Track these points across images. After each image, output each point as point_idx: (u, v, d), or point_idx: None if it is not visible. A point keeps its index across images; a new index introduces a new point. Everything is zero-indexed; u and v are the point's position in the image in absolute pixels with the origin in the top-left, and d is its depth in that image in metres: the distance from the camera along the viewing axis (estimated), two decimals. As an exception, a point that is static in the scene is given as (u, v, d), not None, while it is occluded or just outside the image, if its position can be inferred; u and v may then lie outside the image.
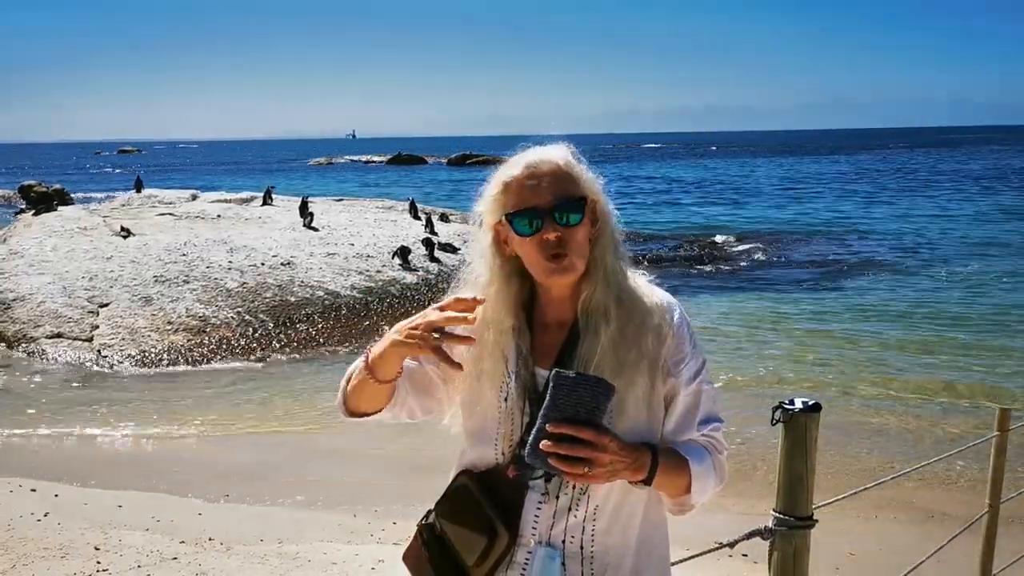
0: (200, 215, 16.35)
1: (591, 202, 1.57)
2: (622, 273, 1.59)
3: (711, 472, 1.57)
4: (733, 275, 17.02)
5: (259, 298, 11.25)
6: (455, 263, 14.08)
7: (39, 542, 5.02)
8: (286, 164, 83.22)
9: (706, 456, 1.58)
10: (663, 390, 1.57)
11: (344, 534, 5.51)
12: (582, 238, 1.55)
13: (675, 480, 1.54)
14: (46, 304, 10.62)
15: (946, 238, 21.78)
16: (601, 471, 1.39)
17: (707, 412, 1.60)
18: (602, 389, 1.39)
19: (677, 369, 1.57)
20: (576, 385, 1.38)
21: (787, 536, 2.25)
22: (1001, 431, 3.85)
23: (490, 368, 1.60)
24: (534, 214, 1.52)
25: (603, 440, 1.38)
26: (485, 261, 1.63)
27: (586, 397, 1.37)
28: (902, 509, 6.15)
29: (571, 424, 1.37)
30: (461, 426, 1.69)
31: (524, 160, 1.57)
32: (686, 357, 1.57)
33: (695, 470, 1.54)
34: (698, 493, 1.56)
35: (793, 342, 11.19)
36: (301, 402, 8.96)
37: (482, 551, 1.54)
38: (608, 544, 1.55)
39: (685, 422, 1.58)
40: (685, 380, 1.57)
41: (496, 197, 1.58)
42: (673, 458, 1.54)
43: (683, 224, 25.55)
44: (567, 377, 1.39)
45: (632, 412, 1.54)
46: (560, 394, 1.38)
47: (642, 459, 1.46)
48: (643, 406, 1.55)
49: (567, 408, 1.37)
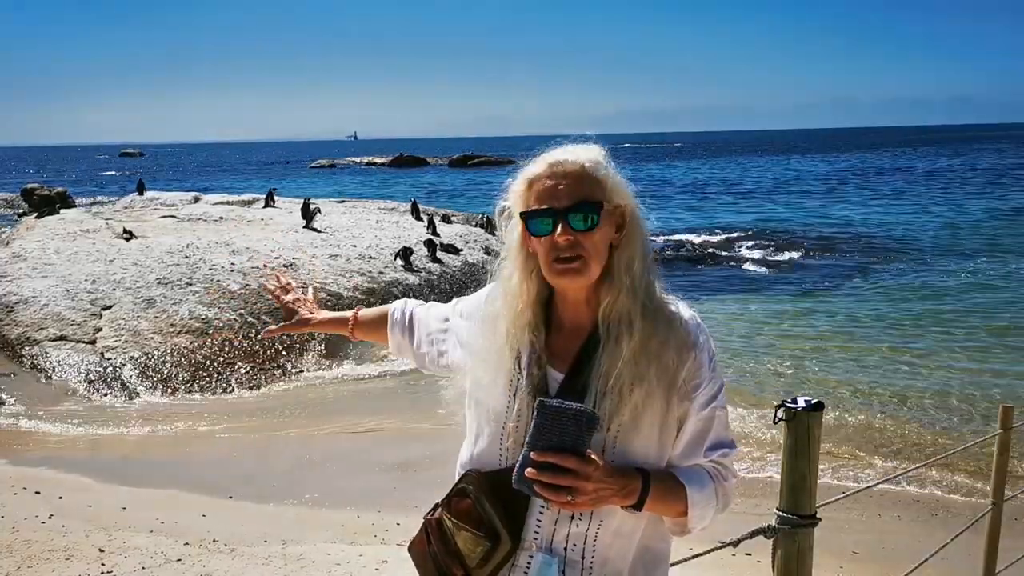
0: (202, 217, 16.36)
1: (614, 207, 1.54)
2: (649, 284, 1.56)
3: (711, 500, 1.56)
4: (733, 276, 17.02)
5: (261, 300, 11.24)
6: (457, 264, 14.08)
7: (44, 544, 5.03)
8: (288, 166, 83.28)
9: (708, 483, 1.56)
10: (677, 412, 1.55)
11: (348, 535, 5.51)
12: (599, 243, 1.53)
13: (669, 506, 1.53)
14: (49, 307, 10.64)
15: (947, 238, 21.76)
16: (584, 499, 1.41)
17: (718, 438, 1.58)
18: (585, 419, 1.40)
19: (694, 393, 1.55)
20: (560, 415, 1.40)
21: (790, 535, 2.26)
22: (1004, 429, 3.85)
23: (501, 361, 1.60)
24: (549, 215, 1.52)
25: (586, 469, 1.39)
26: (510, 256, 1.63)
27: (570, 426, 1.39)
28: (905, 507, 6.16)
29: (555, 453, 1.39)
30: (464, 415, 1.71)
31: (549, 158, 1.56)
32: (704, 381, 1.56)
33: (693, 497, 1.53)
34: (696, 519, 1.55)
35: (794, 342, 11.19)
36: (303, 402, 8.97)
37: (484, 554, 1.54)
38: (608, 555, 1.55)
39: (693, 446, 1.57)
40: (700, 404, 1.56)
41: (520, 193, 1.58)
42: (669, 483, 1.53)
43: (680, 225, 25.55)
44: (551, 407, 1.40)
45: (645, 429, 1.53)
46: (545, 423, 1.40)
47: (632, 485, 1.46)
48: (656, 424, 1.54)
49: (551, 437, 1.39)
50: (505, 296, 1.62)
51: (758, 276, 16.89)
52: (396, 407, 8.70)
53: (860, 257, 18.92)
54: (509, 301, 1.61)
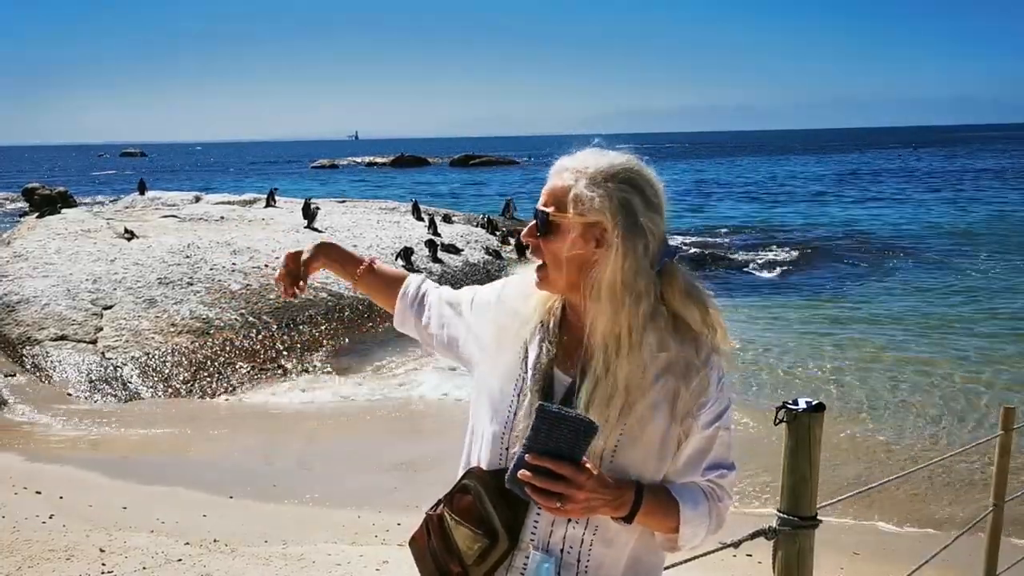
0: (203, 217, 16.37)
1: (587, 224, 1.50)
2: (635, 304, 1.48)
3: (704, 519, 1.55)
4: (733, 276, 17.02)
5: (262, 300, 11.25)
6: (458, 264, 14.09)
7: (44, 544, 5.03)
8: (289, 166, 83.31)
9: (702, 501, 1.55)
10: (679, 429, 1.54)
11: (348, 535, 5.52)
12: (558, 253, 1.52)
13: (661, 521, 1.52)
14: (50, 307, 10.64)
15: (949, 239, 21.75)
16: (575, 507, 1.41)
17: (718, 458, 1.57)
18: (584, 427, 1.40)
19: (699, 412, 1.53)
20: (559, 421, 1.39)
21: (791, 536, 2.26)
22: (1005, 430, 3.85)
23: (508, 360, 1.61)
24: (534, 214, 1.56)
25: (579, 478, 1.39)
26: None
27: (568, 433, 1.39)
28: (906, 509, 6.15)
29: (550, 458, 1.39)
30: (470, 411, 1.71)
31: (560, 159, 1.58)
32: (710, 400, 1.54)
33: (685, 515, 1.52)
34: (687, 537, 1.54)
35: (795, 342, 11.18)
36: (306, 402, 8.98)
37: (481, 552, 1.54)
38: (604, 560, 1.55)
39: (692, 464, 1.56)
40: (703, 423, 1.54)
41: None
42: (663, 499, 1.52)
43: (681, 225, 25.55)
44: (551, 412, 1.40)
45: (644, 443, 1.52)
46: (543, 427, 1.40)
47: (624, 497, 1.46)
48: (656, 439, 1.53)
49: (548, 441, 1.39)
50: (517, 297, 1.63)
51: (759, 276, 16.90)
52: (397, 407, 8.70)
53: (861, 258, 18.92)
54: (520, 300, 1.63)
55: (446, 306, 1.83)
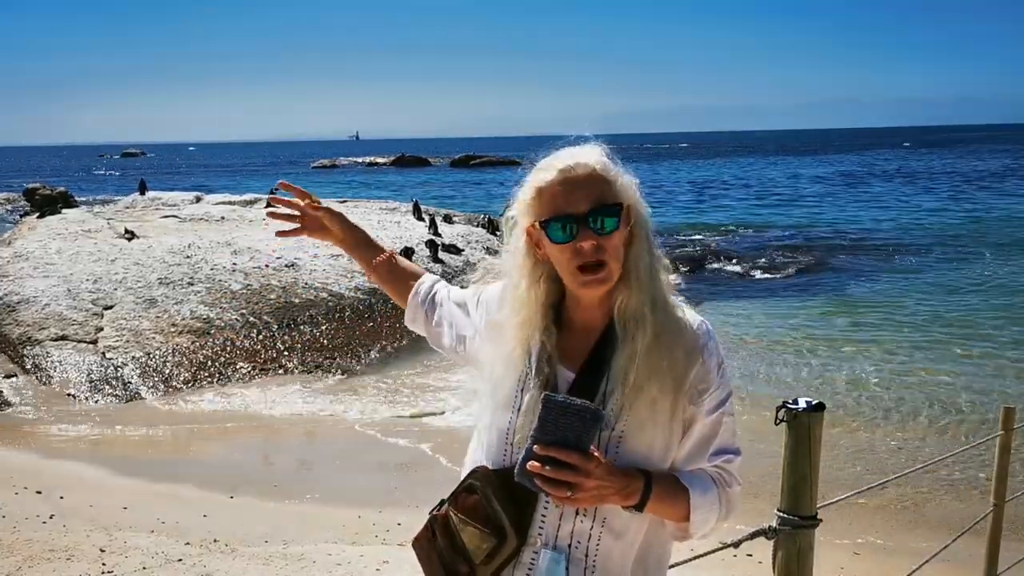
0: (204, 217, 16.37)
1: (627, 207, 1.54)
2: (657, 279, 1.56)
3: (715, 505, 1.56)
4: (734, 276, 17.02)
5: (263, 300, 11.25)
6: (459, 264, 14.08)
7: (45, 544, 5.03)
8: (290, 166, 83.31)
9: (711, 488, 1.56)
10: (684, 415, 1.55)
11: (349, 535, 5.52)
12: (619, 244, 1.53)
13: (672, 509, 1.53)
14: (50, 307, 10.64)
15: (951, 240, 21.74)
16: (584, 495, 1.42)
17: (723, 443, 1.58)
18: (590, 415, 1.40)
19: (701, 397, 1.55)
20: (565, 410, 1.40)
21: (791, 536, 2.26)
22: (1005, 430, 3.84)
23: (511, 359, 1.61)
24: (569, 221, 1.51)
25: (588, 466, 1.40)
26: (515, 263, 1.62)
27: (575, 422, 1.40)
28: (906, 508, 6.15)
29: (558, 448, 1.39)
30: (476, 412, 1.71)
31: (558, 164, 1.54)
32: (712, 386, 1.56)
33: (695, 501, 1.53)
34: (698, 524, 1.55)
35: (796, 342, 11.18)
36: (307, 402, 8.97)
37: (490, 551, 1.54)
38: (612, 553, 1.55)
39: (698, 451, 1.57)
40: (707, 409, 1.56)
41: (530, 203, 1.57)
42: (672, 486, 1.53)
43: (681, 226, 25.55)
44: (556, 401, 1.41)
45: (650, 430, 1.53)
46: (549, 418, 1.40)
47: (633, 485, 1.47)
48: (662, 426, 1.54)
49: (555, 432, 1.40)
50: (514, 303, 1.62)
51: (758, 277, 16.88)
52: (397, 407, 8.70)
53: (861, 258, 18.91)
54: (517, 308, 1.61)
55: (455, 306, 1.84)
